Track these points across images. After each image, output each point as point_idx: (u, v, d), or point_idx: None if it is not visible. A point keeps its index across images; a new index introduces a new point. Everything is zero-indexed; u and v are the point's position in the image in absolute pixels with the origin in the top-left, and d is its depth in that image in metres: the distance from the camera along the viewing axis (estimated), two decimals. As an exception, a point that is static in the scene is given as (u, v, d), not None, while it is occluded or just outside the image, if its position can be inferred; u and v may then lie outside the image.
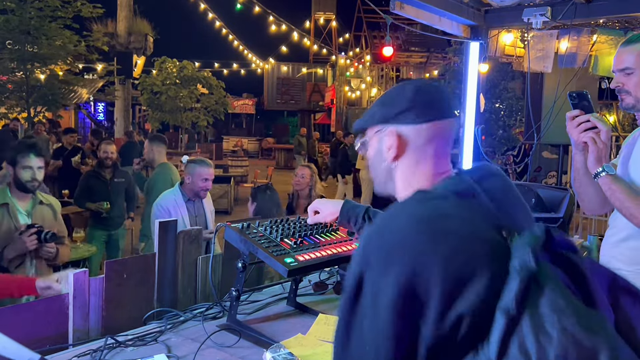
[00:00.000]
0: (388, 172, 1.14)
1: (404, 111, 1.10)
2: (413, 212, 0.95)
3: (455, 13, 4.39)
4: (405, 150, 1.10)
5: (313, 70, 27.84)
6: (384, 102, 1.16)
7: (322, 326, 1.72)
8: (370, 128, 1.17)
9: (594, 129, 1.67)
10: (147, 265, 1.83)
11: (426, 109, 1.09)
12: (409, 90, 1.11)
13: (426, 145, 1.10)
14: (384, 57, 5.23)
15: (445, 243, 0.89)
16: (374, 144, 1.16)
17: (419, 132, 1.09)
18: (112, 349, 1.52)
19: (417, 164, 1.11)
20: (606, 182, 1.69)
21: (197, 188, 3.63)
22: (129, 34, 16.07)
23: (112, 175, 5.01)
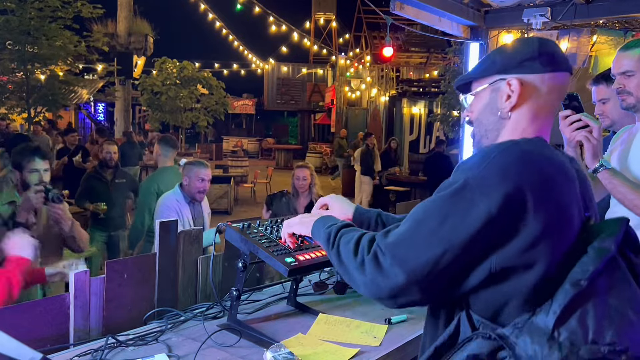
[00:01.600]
0: (498, 124, 1.12)
1: (530, 59, 1.09)
2: (536, 149, 1.02)
3: (455, 13, 4.39)
4: (525, 100, 1.09)
5: (313, 71, 27.83)
6: (503, 51, 1.14)
7: (322, 326, 1.73)
8: (483, 79, 1.14)
9: (586, 127, 1.75)
10: (148, 265, 1.83)
11: (550, 59, 1.09)
12: (534, 42, 1.11)
13: (546, 97, 1.10)
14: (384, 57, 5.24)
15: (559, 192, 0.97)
16: (486, 95, 1.14)
17: (543, 81, 1.09)
18: (112, 349, 1.52)
19: (534, 118, 1.10)
20: (606, 177, 1.77)
21: (194, 189, 3.60)
22: (129, 34, 16.05)
23: (113, 176, 5.00)
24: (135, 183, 5.29)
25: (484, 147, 1.13)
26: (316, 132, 29.62)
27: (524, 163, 0.97)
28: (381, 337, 1.66)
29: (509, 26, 4.93)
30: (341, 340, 1.62)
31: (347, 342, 1.61)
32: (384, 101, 17.78)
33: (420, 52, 18.81)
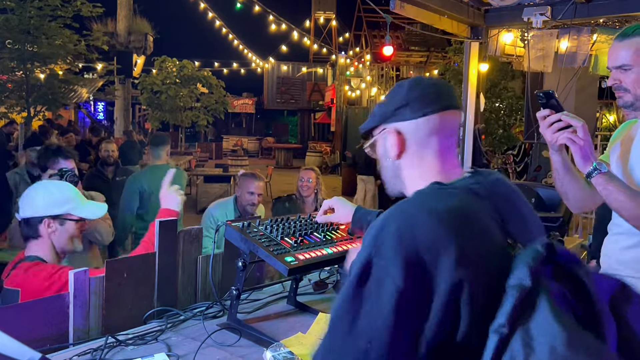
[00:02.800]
0: (395, 171, 1.15)
1: (399, 107, 1.10)
2: (429, 204, 0.95)
3: (456, 12, 4.39)
4: (406, 147, 1.10)
5: (313, 70, 27.83)
6: (385, 101, 1.17)
7: (322, 325, 1.73)
8: (375, 129, 1.18)
9: (569, 127, 1.57)
10: (148, 265, 1.83)
11: (421, 103, 1.09)
12: (404, 87, 1.12)
13: (427, 139, 1.09)
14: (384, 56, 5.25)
15: (461, 237, 0.89)
16: (380, 144, 1.17)
17: (417, 127, 1.09)
18: (112, 348, 1.52)
19: (422, 159, 1.10)
20: (601, 182, 1.59)
21: (244, 201, 3.56)
22: (129, 33, 16.05)
23: (114, 174, 5.02)
24: None
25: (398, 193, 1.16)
26: (316, 131, 29.61)
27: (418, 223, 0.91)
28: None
29: (509, 25, 4.93)
30: (341, 340, 1.62)
31: (347, 342, 1.61)
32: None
33: (420, 51, 18.82)
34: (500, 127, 10.59)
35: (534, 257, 0.86)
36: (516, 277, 0.85)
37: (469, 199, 0.98)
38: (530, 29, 4.52)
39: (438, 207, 0.93)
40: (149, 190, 4.14)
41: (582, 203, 1.83)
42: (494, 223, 0.96)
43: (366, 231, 0.97)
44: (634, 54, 1.67)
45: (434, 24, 4.50)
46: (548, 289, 0.85)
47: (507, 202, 1.02)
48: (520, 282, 0.83)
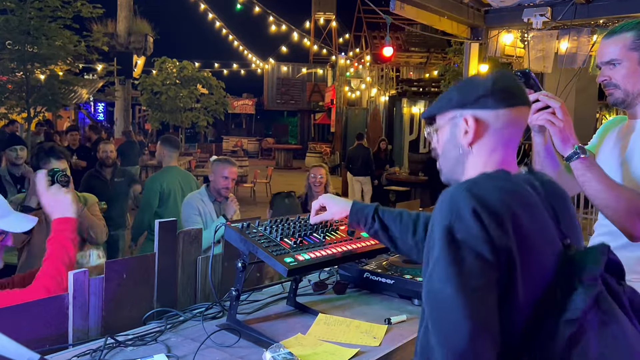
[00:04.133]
0: (460, 158, 1.16)
1: (484, 96, 1.12)
2: (498, 184, 1.02)
3: (455, 13, 4.39)
4: (482, 135, 1.13)
5: (313, 71, 27.83)
6: (462, 88, 1.17)
7: (321, 326, 1.72)
8: (444, 114, 1.19)
9: (547, 108, 1.52)
10: (147, 265, 1.83)
11: (504, 95, 1.12)
12: (488, 78, 1.15)
13: (502, 131, 1.13)
14: (384, 57, 5.25)
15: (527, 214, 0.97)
16: (447, 130, 1.18)
17: (497, 117, 1.12)
18: (111, 349, 1.52)
19: (492, 151, 1.14)
20: (580, 168, 1.51)
21: (219, 186, 3.68)
22: (129, 34, 16.05)
23: (112, 175, 5.01)
24: (135, 180, 5.31)
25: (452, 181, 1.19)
26: (316, 132, 29.62)
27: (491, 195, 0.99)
28: (381, 337, 1.66)
29: (509, 26, 4.93)
30: (341, 341, 1.62)
31: (347, 342, 1.61)
32: (384, 101, 17.77)
33: (420, 52, 18.81)
34: (500, 127, 10.58)
35: (601, 260, 0.94)
36: (590, 277, 0.92)
37: (529, 190, 1.05)
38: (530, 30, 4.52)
39: (506, 186, 1.01)
40: (167, 190, 4.33)
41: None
42: (551, 220, 1.03)
43: (437, 205, 1.02)
44: (622, 48, 1.62)
45: (433, 24, 4.50)
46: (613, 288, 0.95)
47: (559, 203, 1.09)
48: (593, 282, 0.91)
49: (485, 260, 0.91)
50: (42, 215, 2.83)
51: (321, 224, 1.80)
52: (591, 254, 0.95)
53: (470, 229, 0.94)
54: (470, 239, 0.93)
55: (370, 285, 2.08)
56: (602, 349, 0.85)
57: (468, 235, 0.93)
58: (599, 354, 0.85)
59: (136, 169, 9.72)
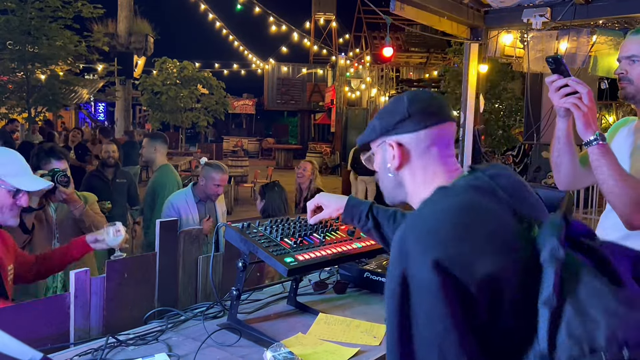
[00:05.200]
0: (396, 181, 1.18)
1: (401, 120, 1.14)
2: (442, 206, 0.98)
3: (455, 13, 4.40)
4: (409, 158, 1.14)
5: (313, 71, 27.83)
6: (382, 115, 1.20)
7: (322, 325, 1.73)
8: (373, 142, 1.21)
9: (575, 93, 1.56)
10: (148, 265, 1.83)
11: (422, 116, 1.13)
12: (404, 101, 1.16)
13: (428, 151, 1.13)
14: (384, 57, 5.25)
15: (477, 233, 0.92)
16: (379, 156, 1.21)
17: (419, 139, 1.13)
18: (113, 348, 1.53)
19: (426, 168, 1.14)
20: (596, 153, 1.57)
21: (210, 191, 3.68)
22: (130, 34, 16.08)
23: (114, 175, 5.01)
24: (135, 185, 5.30)
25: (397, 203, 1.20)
26: (316, 132, 29.62)
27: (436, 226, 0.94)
28: (381, 336, 1.67)
29: (509, 26, 4.93)
30: (341, 340, 1.63)
31: (347, 342, 1.62)
32: (384, 101, 17.78)
33: (420, 52, 18.82)
34: (499, 128, 10.60)
35: (558, 230, 0.90)
36: (548, 251, 0.88)
37: (474, 194, 1.01)
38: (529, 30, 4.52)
39: (449, 207, 0.97)
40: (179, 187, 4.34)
41: (572, 179, 1.83)
42: (505, 211, 0.99)
43: (391, 251, 0.99)
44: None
45: (433, 25, 4.51)
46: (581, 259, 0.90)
47: (511, 191, 1.05)
48: (554, 254, 0.88)
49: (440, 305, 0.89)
50: (43, 215, 2.84)
51: (321, 223, 1.81)
52: (548, 227, 0.92)
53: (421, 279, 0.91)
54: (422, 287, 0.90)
55: (371, 285, 2.09)
56: (587, 322, 0.83)
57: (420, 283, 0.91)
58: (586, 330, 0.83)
59: (137, 168, 9.72)
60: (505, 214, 0.98)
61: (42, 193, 2.73)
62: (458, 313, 0.88)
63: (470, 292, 0.88)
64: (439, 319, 0.88)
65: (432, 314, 0.89)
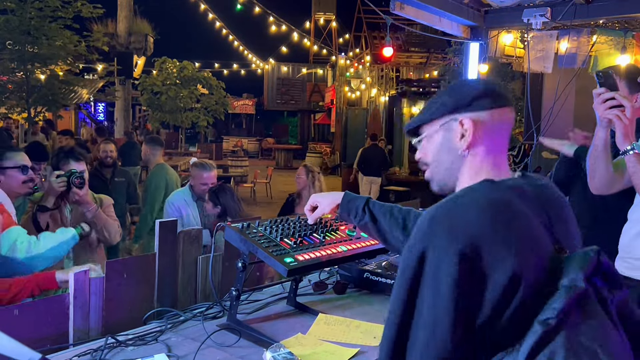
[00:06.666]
0: (456, 164, 1.13)
1: (479, 97, 1.10)
2: (482, 198, 0.97)
3: (455, 13, 4.39)
4: (479, 137, 1.10)
5: (313, 71, 27.82)
6: (451, 92, 1.15)
7: (322, 326, 1.73)
8: (432, 122, 1.16)
9: (620, 107, 1.70)
10: (148, 265, 1.83)
11: (497, 95, 1.12)
12: (477, 81, 1.17)
13: (496, 132, 1.11)
14: (384, 57, 5.24)
15: (510, 236, 0.92)
16: (439, 136, 1.15)
17: (492, 117, 1.10)
18: (112, 349, 1.52)
19: (486, 155, 1.11)
20: (632, 160, 1.73)
21: (199, 190, 3.68)
22: (129, 34, 16.07)
23: (112, 175, 5.01)
24: (134, 184, 5.32)
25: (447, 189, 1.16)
26: (316, 132, 29.61)
27: (471, 216, 0.94)
28: (381, 337, 1.66)
29: (509, 26, 4.93)
30: (341, 340, 1.62)
31: (347, 342, 1.61)
32: (384, 101, 17.77)
33: (420, 52, 18.79)
34: (500, 128, 10.58)
35: (588, 263, 0.90)
36: (570, 279, 0.89)
37: (519, 198, 1.00)
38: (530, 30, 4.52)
39: (489, 201, 0.96)
40: (170, 186, 4.49)
41: (605, 184, 1.96)
42: (541, 224, 0.99)
43: (416, 225, 0.99)
44: None
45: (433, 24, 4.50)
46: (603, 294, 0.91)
47: (553, 208, 1.04)
48: (574, 283, 0.88)
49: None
50: (58, 215, 2.86)
51: (321, 224, 1.81)
52: (577, 258, 0.92)
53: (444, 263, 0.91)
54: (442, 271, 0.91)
55: (370, 285, 2.08)
56: (580, 339, 0.84)
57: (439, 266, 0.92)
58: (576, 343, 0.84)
59: (137, 169, 9.72)
60: (542, 228, 0.98)
61: (58, 193, 2.75)
62: (462, 306, 0.89)
63: (487, 286, 0.88)
64: (443, 311, 0.89)
65: (438, 298, 0.90)
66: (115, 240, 3.06)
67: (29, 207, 2.94)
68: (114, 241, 3.05)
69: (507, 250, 0.90)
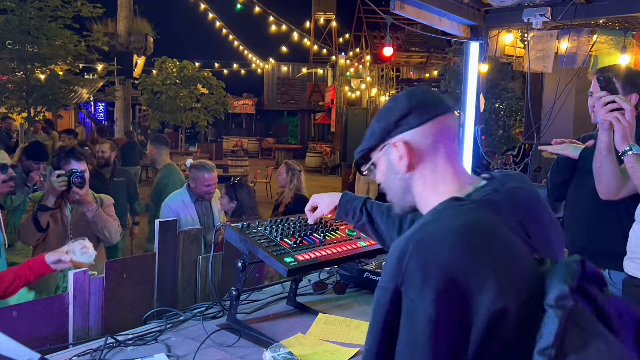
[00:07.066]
0: (405, 185, 1.09)
1: (404, 116, 1.07)
2: (452, 224, 0.91)
3: (455, 13, 4.39)
4: (417, 156, 1.06)
5: (313, 70, 27.82)
6: (380, 117, 1.13)
7: (321, 326, 1.73)
8: (374, 149, 1.14)
9: (620, 110, 1.73)
10: (147, 265, 1.83)
11: (424, 108, 1.07)
12: (402, 98, 1.10)
13: (435, 146, 1.06)
14: (384, 57, 5.23)
15: (487, 262, 0.86)
16: (382, 162, 1.13)
17: (425, 133, 1.06)
18: (112, 349, 1.52)
19: (435, 167, 1.06)
20: (631, 160, 1.76)
21: (201, 192, 3.67)
22: (129, 34, 16.07)
23: (112, 175, 4.99)
24: (134, 183, 5.30)
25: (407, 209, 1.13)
26: (316, 131, 29.60)
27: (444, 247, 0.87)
28: None
29: (509, 26, 4.92)
30: (341, 340, 1.62)
31: (347, 342, 1.61)
32: (384, 101, 17.78)
33: (420, 52, 18.80)
34: (500, 127, 10.59)
35: (571, 274, 0.84)
36: (556, 297, 0.83)
37: (490, 215, 0.93)
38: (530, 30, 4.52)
39: (461, 229, 0.89)
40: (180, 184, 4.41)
41: (612, 188, 1.98)
42: (518, 239, 0.92)
43: (386, 261, 0.93)
44: None
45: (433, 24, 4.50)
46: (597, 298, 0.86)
47: (528, 213, 0.98)
48: (561, 302, 0.82)
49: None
50: (59, 214, 2.86)
51: (321, 224, 1.81)
52: (560, 270, 0.86)
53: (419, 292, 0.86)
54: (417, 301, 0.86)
55: (370, 285, 2.08)
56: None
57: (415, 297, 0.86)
58: None
59: (137, 168, 9.72)
60: (519, 241, 0.92)
61: (59, 193, 2.75)
62: (442, 352, 0.84)
63: (469, 325, 0.83)
64: (421, 351, 0.84)
65: (416, 342, 0.85)
66: (115, 240, 3.06)
67: (29, 207, 2.94)
68: (114, 241, 3.05)
69: (486, 279, 0.84)
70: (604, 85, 1.78)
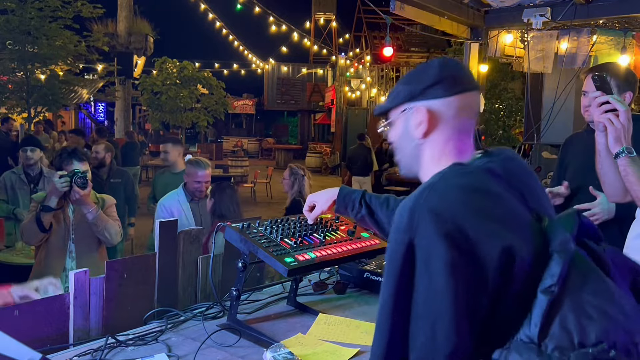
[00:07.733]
0: (416, 152, 1.13)
1: (432, 85, 1.09)
2: (457, 182, 0.97)
3: (455, 13, 4.39)
4: (435, 126, 1.09)
5: (313, 71, 27.83)
6: (409, 80, 1.15)
7: (322, 326, 1.73)
8: (395, 109, 1.16)
9: (614, 111, 1.69)
10: (148, 265, 1.83)
11: (453, 81, 1.09)
12: (435, 66, 1.11)
13: (455, 119, 1.09)
14: (384, 57, 5.24)
15: (492, 212, 0.93)
16: (400, 124, 1.15)
17: (449, 105, 1.09)
18: (112, 349, 1.52)
19: (447, 141, 1.10)
20: (623, 163, 1.72)
21: (191, 188, 3.65)
22: (129, 34, 16.07)
23: (108, 176, 4.95)
24: (131, 184, 5.24)
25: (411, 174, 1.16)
26: (316, 132, 29.62)
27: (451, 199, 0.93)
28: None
29: (509, 26, 4.93)
30: (341, 340, 1.62)
31: (347, 342, 1.61)
32: (384, 101, 17.76)
33: (420, 52, 18.80)
34: (500, 128, 10.60)
35: (572, 223, 0.92)
36: (560, 243, 0.89)
37: (490, 178, 1.01)
38: (530, 30, 4.52)
39: (466, 187, 0.96)
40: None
41: (618, 190, 1.93)
42: (515, 199, 1.00)
43: (394, 220, 0.98)
44: None
45: (433, 25, 4.51)
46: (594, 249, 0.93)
47: (522, 181, 1.05)
48: (564, 246, 0.89)
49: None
50: (61, 215, 2.86)
51: (321, 224, 1.81)
52: (561, 221, 0.94)
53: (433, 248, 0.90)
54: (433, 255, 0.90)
55: (371, 285, 2.08)
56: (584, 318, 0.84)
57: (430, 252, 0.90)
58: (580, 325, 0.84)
59: (137, 169, 9.73)
60: (517, 201, 0.99)
61: (61, 193, 2.76)
62: (460, 294, 0.87)
63: (482, 267, 0.87)
64: (440, 296, 0.88)
65: (433, 289, 0.88)
66: (116, 241, 3.06)
67: (32, 207, 2.95)
68: (115, 242, 3.06)
69: (493, 226, 0.90)
70: (599, 84, 1.75)
